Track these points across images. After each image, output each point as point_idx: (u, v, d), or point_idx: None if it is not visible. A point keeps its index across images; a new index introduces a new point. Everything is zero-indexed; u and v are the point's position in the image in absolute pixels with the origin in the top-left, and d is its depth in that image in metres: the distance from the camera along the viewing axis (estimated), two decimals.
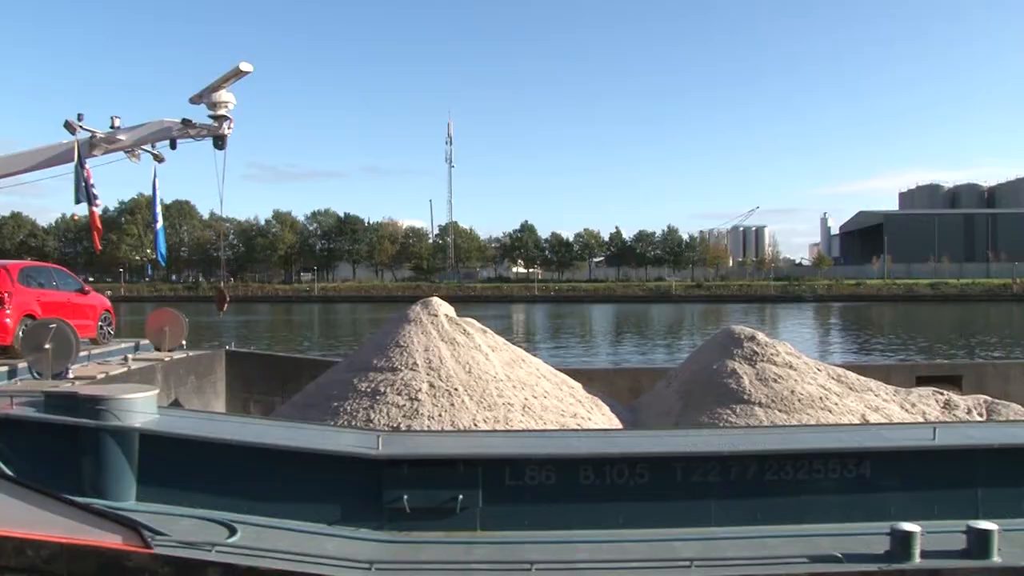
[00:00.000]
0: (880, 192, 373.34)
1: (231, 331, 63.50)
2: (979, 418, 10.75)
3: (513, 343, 12.15)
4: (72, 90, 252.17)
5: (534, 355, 12.05)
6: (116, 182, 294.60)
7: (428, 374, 9.37)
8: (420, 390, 9.10)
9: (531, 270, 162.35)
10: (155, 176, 12.77)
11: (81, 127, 11.05)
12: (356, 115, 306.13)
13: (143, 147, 11.62)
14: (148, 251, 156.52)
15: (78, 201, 11.39)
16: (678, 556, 5.39)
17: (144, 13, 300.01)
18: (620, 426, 10.31)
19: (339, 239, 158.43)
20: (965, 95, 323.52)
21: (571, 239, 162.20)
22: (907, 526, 5.24)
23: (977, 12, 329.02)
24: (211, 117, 11.12)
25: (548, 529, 6.04)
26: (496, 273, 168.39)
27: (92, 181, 11.45)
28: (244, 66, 10.62)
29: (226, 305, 14.08)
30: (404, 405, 8.93)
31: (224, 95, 11.01)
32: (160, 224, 14.24)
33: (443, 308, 10.90)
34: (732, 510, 6.28)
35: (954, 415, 10.70)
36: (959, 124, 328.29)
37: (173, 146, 11.50)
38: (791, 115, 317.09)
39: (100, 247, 15.48)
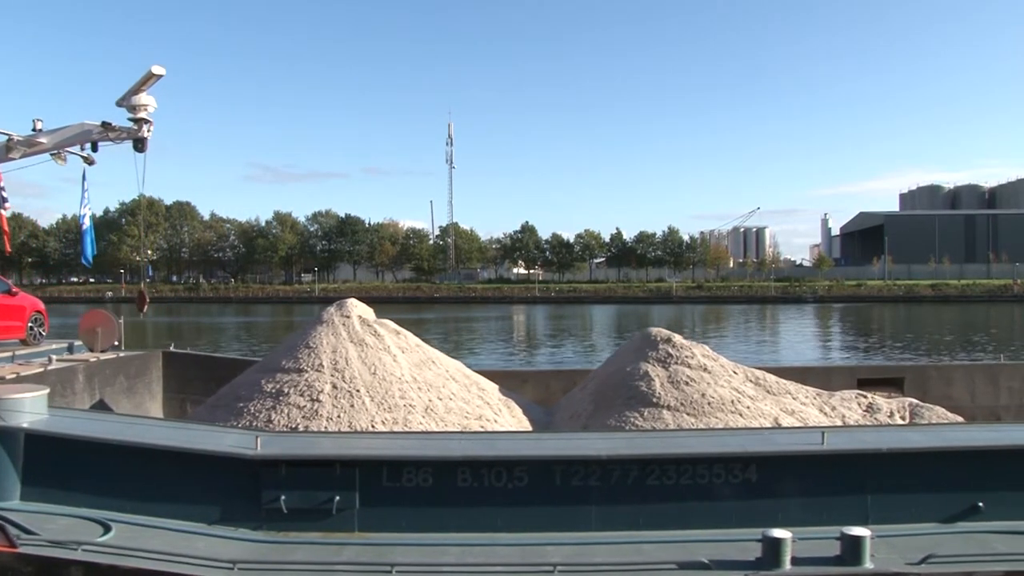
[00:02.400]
0: (881, 193, 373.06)
1: (231, 333, 63.56)
2: (900, 421, 10.62)
3: (512, 343, 12.11)
4: (72, 90, 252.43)
5: (537, 354, 12.04)
6: (116, 182, 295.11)
7: (333, 375, 9.34)
8: (322, 391, 9.08)
9: (532, 271, 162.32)
10: (84, 177, 12.75)
11: None
12: (357, 116, 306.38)
13: (69, 150, 11.59)
14: (149, 252, 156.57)
15: None
16: (546, 561, 5.32)
17: (144, 13, 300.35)
18: (529, 428, 10.21)
19: (340, 240, 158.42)
20: (966, 96, 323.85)
21: (572, 240, 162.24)
22: (777, 532, 5.15)
23: (978, 13, 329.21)
24: (131, 120, 11.21)
25: (425, 531, 6.00)
26: (497, 274, 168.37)
27: (2, 184, 11.54)
28: (156, 69, 10.81)
29: (146, 306, 14.25)
30: (305, 406, 8.91)
31: (144, 98, 11.11)
32: (87, 225, 14.20)
33: (357, 310, 10.83)
34: (613, 515, 6.16)
35: (875, 419, 10.56)
36: (960, 125, 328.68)
37: (95, 148, 11.52)
38: (792, 116, 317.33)
39: (9, 249, 15.47)
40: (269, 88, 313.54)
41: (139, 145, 11.34)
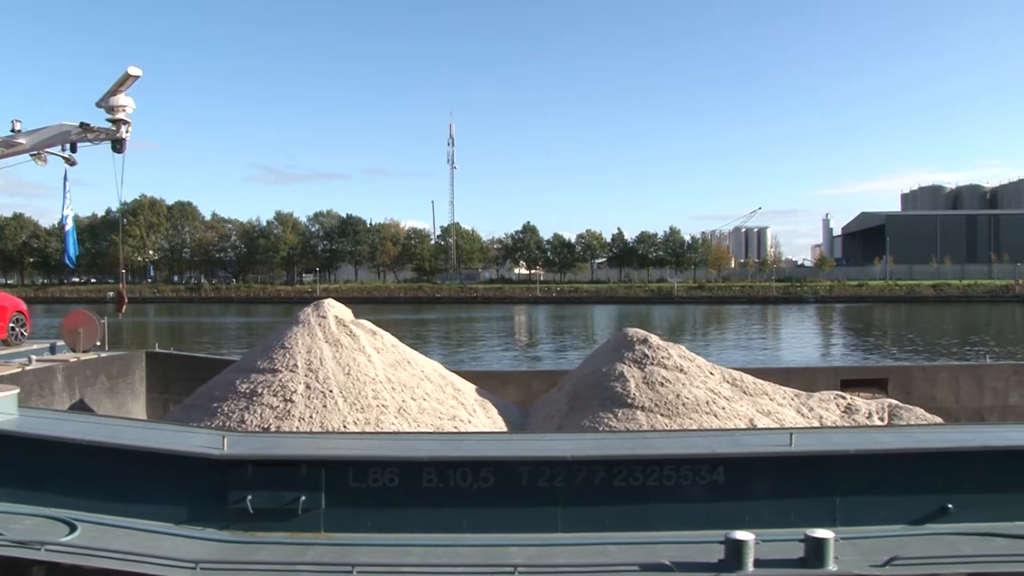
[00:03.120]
0: (882, 193, 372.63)
1: (231, 333, 63.63)
2: (879, 422, 10.53)
3: (512, 343, 12.12)
4: (72, 90, 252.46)
5: (537, 354, 12.02)
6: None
7: (307, 376, 9.31)
8: (295, 392, 9.05)
9: (533, 271, 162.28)
10: (65, 178, 12.73)
11: None
12: (359, 116, 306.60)
13: (49, 151, 11.62)
14: (151, 252, 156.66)
15: None
16: (508, 562, 5.30)
17: (145, 13, 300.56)
18: (504, 429, 10.16)
19: (341, 240, 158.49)
20: (967, 96, 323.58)
21: (573, 240, 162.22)
22: (740, 534, 5.13)
23: (980, 13, 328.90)
24: (109, 121, 11.24)
25: (391, 532, 5.98)
26: (498, 274, 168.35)
27: None
28: (133, 70, 10.81)
29: (124, 307, 14.13)
30: (277, 406, 8.89)
31: (122, 99, 11.13)
32: (70, 226, 14.22)
33: (334, 310, 10.78)
34: (579, 516, 6.12)
35: (853, 420, 10.47)
36: (961, 125, 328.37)
37: (73, 149, 11.56)
38: (793, 116, 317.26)
39: None
40: (271, 89, 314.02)
41: (117, 146, 11.39)
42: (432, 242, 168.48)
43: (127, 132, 11.35)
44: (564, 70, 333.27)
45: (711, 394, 9.88)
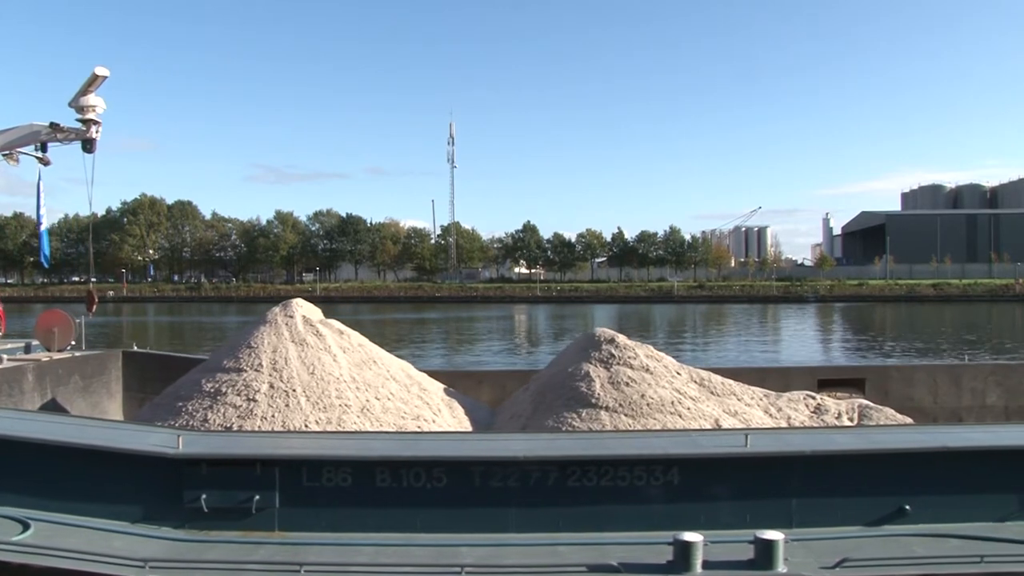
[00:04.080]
0: (882, 192, 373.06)
1: (231, 333, 63.58)
2: (848, 423, 10.45)
3: (512, 343, 12.10)
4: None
5: (536, 354, 12.00)
6: (118, 182, 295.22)
7: (271, 375, 9.29)
8: (259, 391, 9.03)
9: (533, 270, 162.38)
10: (39, 178, 12.78)
11: None
12: (359, 116, 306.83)
13: (21, 150, 11.62)
14: (151, 251, 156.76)
15: None
16: (457, 562, 5.27)
17: (145, 13, 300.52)
18: (469, 428, 10.13)
19: (341, 239, 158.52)
20: (968, 96, 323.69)
21: (573, 239, 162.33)
22: (688, 536, 5.09)
23: (980, 13, 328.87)
24: (79, 121, 11.26)
25: (344, 531, 5.96)
26: (498, 273, 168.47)
27: None
28: (100, 70, 10.84)
29: (94, 306, 14.10)
30: (241, 406, 8.87)
31: (92, 99, 11.15)
32: (45, 227, 14.28)
33: (302, 309, 10.74)
34: (532, 517, 6.07)
35: (822, 420, 10.38)
36: (961, 125, 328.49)
37: (44, 149, 11.59)
38: (793, 115, 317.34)
39: None
40: (272, 88, 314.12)
41: (88, 146, 11.45)
42: (432, 241, 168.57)
43: (97, 132, 11.41)
44: (564, 70, 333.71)
45: (677, 394, 9.80)
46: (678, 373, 10.46)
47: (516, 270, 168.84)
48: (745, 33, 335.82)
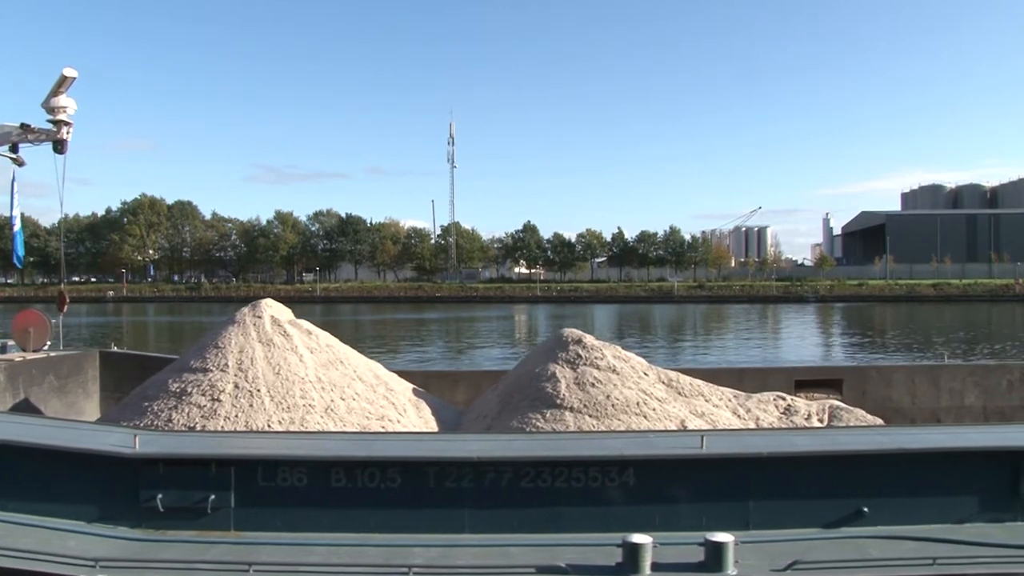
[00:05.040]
0: (882, 192, 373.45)
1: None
2: (818, 424, 10.39)
3: (512, 342, 12.03)
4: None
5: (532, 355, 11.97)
6: (118, 182, 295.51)
7: (236, 375, 9.28)
8: (224, 391, 9.03)
9: (533, 270, 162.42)
10: (13, 179, 12.74)
11: None
12: (359, 116, 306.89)
13: None
14: (151, 251, 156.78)
15: None
16: (407, 563, 5.25)
17: (145, 13, 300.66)
18: (435, 429, 10.13)
19: (341, 239, 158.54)
20: (968, 96, 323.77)
21: (573, 239, 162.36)
22: (637, 538, 5.03)
23: (980, 13, 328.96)
24: (50, 122, 11.29)
25: (299, 531, 5.95)
26: (498, 273, 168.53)
27: None
28: (68, 72, 10.90)
29: (65, 307, 14.10)
30: (205, 406, 8.87)
31: (63, 100, 11.18)
32: (18, 227, 14.25)
33: (270, 310, 10.69)
34: (486, 518, 6.04)
35: (792, 421, 10.32)
36: (962, 125, 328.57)
37: (14, 150, 11.61)
38: (793, 116, 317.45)
39: None
40: (272, 88, 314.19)
41: (58, 147, 11.48)
42: (432, 241, 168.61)
43: (68, 133, 11.43)
44: (564, 70, 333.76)
45: (643, 395, 9.73)
46: (645, 374, 10.39)
47: (516, 270, 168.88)
48: (745, 33, 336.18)
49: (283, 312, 11.01)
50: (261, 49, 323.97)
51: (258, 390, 9.12)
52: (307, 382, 9.50)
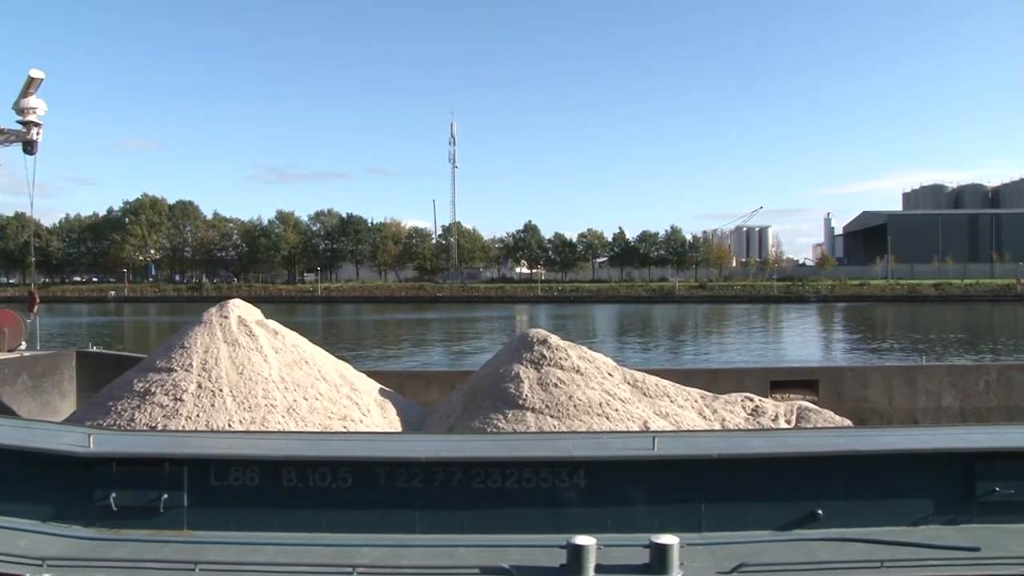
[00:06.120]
0: (884, 192, 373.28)
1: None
2: (785, 425, 10.30)
3: (507, 342, 11.94)
4: (71, 90, 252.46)
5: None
6: (119, 182, 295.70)
7: (200, 375, 9.31)
8: (187, 391, 9.06)
9: (534, 270, 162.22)
10: None
11: None
12: (360, 116, 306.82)
13: None
14: (152, 251, 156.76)
15: None
16: (352, 563, 5.23)
17: (145, 13, 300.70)
18: (399, 429, 10.11)
19: (342, 239, 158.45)
20: (969, 96, 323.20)
21: (574, 239, 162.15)
22: (581, 539, 5.00)
23: (980, 13, 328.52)
24: (19, 123, 11.40)
25: (251, 530, 5.97)
26: (499, 273, 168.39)
27: None
28: (35, 73, 10.98)
29: (36, 307, 14.25)
30: (167, 405, 8.91)
31: (32, 102, 11.29)
32: None
33: (238, 310, 10.69)
34: (436, 518, 6.05)
35: (758, 422, 10.28)
36: (963, 125, 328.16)
37: None
38: (795, 116, 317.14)
39: None
40: (273, 88, 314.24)
41: (29, 148, 11.59)
42: (433, 241, 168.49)
43: (38, 134, 11.54)
44: (565, 70, 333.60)
45: (606, 395, 9.69)
46: (610, 374, 10.33)
47: (517, 270, 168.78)
48: (745, 33, 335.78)
49: (251, 312, 10.96)
50: (263, 49, 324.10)
51: (220, 390, 9.12)
52: (270, 382, 9.50)
